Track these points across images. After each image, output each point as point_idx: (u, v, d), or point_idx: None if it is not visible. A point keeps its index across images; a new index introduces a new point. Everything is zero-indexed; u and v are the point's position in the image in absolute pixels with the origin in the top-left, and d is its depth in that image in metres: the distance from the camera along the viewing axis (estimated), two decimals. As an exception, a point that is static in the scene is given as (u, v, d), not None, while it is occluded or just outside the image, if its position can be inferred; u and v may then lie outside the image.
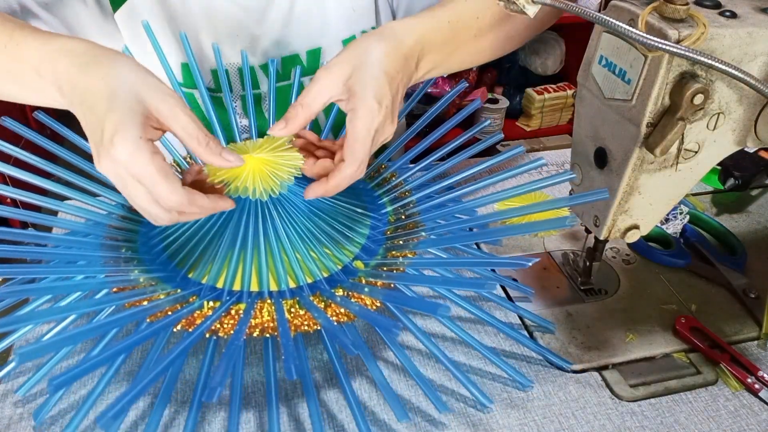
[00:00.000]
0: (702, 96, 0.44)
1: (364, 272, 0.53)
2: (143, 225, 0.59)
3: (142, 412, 0.51)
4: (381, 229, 0.59)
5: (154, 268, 0.54)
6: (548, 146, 2.03)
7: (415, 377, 0.49)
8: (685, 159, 0.49)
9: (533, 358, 0.57)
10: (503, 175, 0.58)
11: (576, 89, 0.54)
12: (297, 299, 0.50)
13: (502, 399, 0.53)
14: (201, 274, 0.53)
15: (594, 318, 0.61)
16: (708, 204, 0.79)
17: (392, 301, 0.50)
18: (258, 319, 0.48)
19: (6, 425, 0.50)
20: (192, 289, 0.51)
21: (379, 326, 0.48)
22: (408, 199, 0.62)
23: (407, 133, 0.70)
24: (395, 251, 0.56)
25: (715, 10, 0.46)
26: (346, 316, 0.49)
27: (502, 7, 0.49)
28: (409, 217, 0.60)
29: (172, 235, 0.56)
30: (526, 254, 0.69)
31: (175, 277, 0.53)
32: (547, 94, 2.10)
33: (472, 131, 0.67)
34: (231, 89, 0.77)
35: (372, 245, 0.57)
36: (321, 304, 0.50)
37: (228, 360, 0.42)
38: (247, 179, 0.53)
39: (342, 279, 0.53)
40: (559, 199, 0.52)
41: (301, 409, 0.52)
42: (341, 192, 0.53)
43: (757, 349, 0.58)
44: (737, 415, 0.52)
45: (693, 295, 0.64)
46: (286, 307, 0.49)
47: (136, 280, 0.51)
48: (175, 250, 0.55)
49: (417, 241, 0.56)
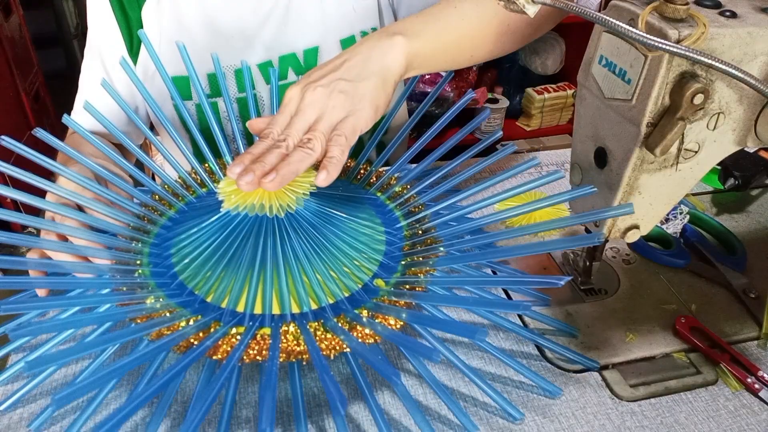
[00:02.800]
0: (702, 96, 0.44)
1: (386, 291, 0.52)
2: (153, 246, 0.57)
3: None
4: (398, 245, 0.58)
5: (169, 293, 0.52)
6: (548, 146, 2.03)
7: (446, 401, 0.48)
8: (685, 159, 0.49)
9: (532, 356, 0.57)
10: (502, 176, 0.59)
11: (576, 89, 0.54)
12: (321, 321, 0.49)
13: (502, 399, 0.53)
14: (220, 298, 0.51)
15: (594, 318, 0.61)
16: (708, 204, 0.79)
17: (423, 323, 0.49)
18: (284, 344, 0.47)
19: (5, 425, 0.50)
20: (213, 314, 0.50)
21: (416, 352, 0.46)
22: (422, 213, 0.61)
23: (416, 146, 0.69)
24: (415, 268, 0.54)
25: (715, 9, 0.46)
26: (371, 337, 0.47)
27: (503, 7, 0.49)
28: (425, 233, 0.59)
29: (187, 257, 0.55)
30: (528, 255, 0.68)
31: (193, 303, 0.51)
32: (547, 94, 2.10)
33: (472, 124, 0.67)
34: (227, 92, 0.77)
35: (390, 262, 0.56)
36: (346, 325, 0.48)
37: (270, 391, 0.41)
38: (264, 197, 0.52)
39: (364, 298, 0.51)
40: (572, 216, 0.52)
41: (326, 426, 0.51)
42: (355, 206, 0.52)
43: (757, 349, 0.58)
44: (737, 415, 0.52)
45: (693, 295, 0.64)
46: (312, 331, 0.48)
47: (152, 308, 0.49)
48: (191, 273, 0.54)
49: (436, 257, 0.55)
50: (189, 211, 0.62)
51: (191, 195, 0.65)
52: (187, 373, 0.54)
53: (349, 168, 0.68)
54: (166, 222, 0.61)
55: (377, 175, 0.67)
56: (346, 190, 0.64)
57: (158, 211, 0.61)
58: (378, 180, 0.66)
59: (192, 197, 0.64)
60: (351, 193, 0.64)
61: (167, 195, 0.63)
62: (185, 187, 0.65)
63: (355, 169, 0.68)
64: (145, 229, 0.59)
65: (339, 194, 0.62)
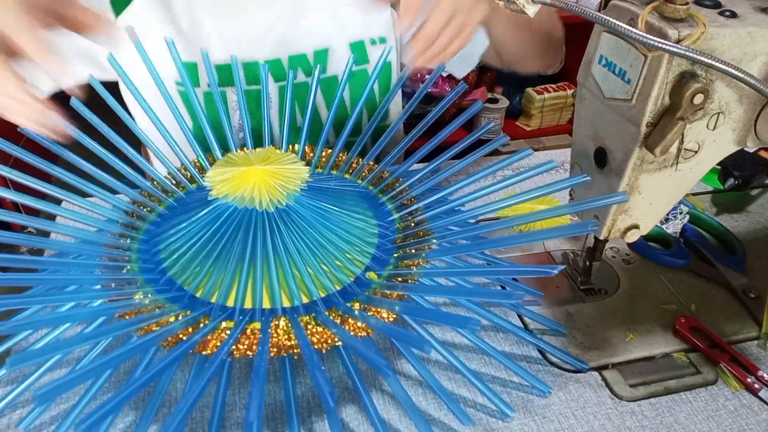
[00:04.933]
0: (702, 96, 0.44)
1: (378, 284, 0.52)
2: (142, 242, 0.57)
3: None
4: (390, 238, 0.58)
5: (158, 288, 0.51)
6: (548, 146, 2.04)
7: (438, 392, 0.48)
8: (685, 159, 0.49)
9: (532, 358, 0.57)
10: (495, 167, 0.58)
11: (576, 89, 0.54)
12: (312, 315, 0.49)
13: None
14: (210, 293, 0.51)
15: (594, 318, 0.61)
16: (708, 204, 0.79)
17: (415, 315, 0.48)
18: (274, 338, 0.46)
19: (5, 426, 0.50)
20: (202, 309, 0.49)
21: (407, 342, 0.46)
22: (415, 205, 0.61)
23: (408, 138, 0.69)
24: (407, 260, 0.54)
25: (715, 9, 0.46)
26: (364, 330, 0.47)
27: (503, 6, 0.49)
28: (418, 225, 0.58)
29: (175, 252, 0.54)
30: (527, 254, 0.69)
31: (182, 298, 0.51)
32: (547, 94, 2.10)
33: (474, 135, 0.66)
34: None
35: (382, 255, 0.55)
36: (338, 318, 0.48)
37: (258, 383, 0.40)
38: (254, 190, 0.52)
39: (356, 292, 0.51)
40: (566, 205, 0.51)
41: (318, 426, 0.51)
42: (347, 199, 0.52)
43: (756, 349, 0.58)
44: (737, 415, 0.52)
45: (693, 295, 0.64)
46: (303, 325, 0.48)
47: (141, 304, 0.49)
48: (181, 269, 0.53)
49: (429, 249, 0.54)
50: (178, 207, 0.61)
51: (181, 191, 0.64)
52: (178, 377, 0.54)
53: (342, 161, 0.67)
54: (155, 218, 0.60)
55: (369, 168, 0.66)
56: (338, 183, 0.64)
57: (148, 207, 0.61)
58: (370, 173, 0.65)
59: (181, 193, 0.64)
60: (343, 187, 0.64)
61: (156, 191, 0.62)
62: (175, 184, 0.64)
63: (348, 162, 0.67)
64: (134, 225, 0.58)
65: (331, 188, 0.61)
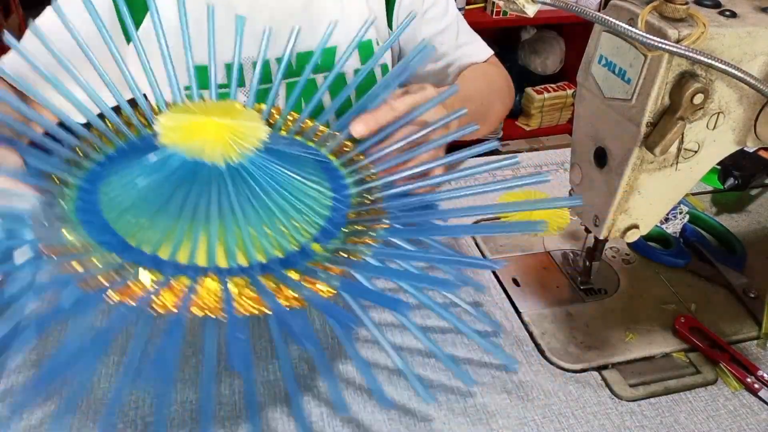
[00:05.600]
0: (702, 95, 0.44)
1: (322, 256, 0.50)
2: (87, 182, 0.53)
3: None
4: (343, 212, 0.55)
5: (90, 230, 0.48)
6: (548, 146, 2.04)
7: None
8: (684, 159, 0.49)
9: (532, 358, 0.57)
10: (462, 154, 0.56)
11: (576, 89, 0.54)
12: (246, 278, 0.46)
13: (501, 398, 0.53)
14: (142, 242, 0.48)
15: (594, 318, 0.61)
16: (708, 204, 0.79)
17: (350, 292, 0.47)
18: (200, 299, 0.44)
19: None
20: (131, 257, 0.46)
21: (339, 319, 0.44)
22: (374, 183, 0.58)
23: (394, 126, 0.63)
24: (355, 237, 0.52)
25: (715, 9, 0.46)
26: (298, 301, 0.45)
27: (502, 6, 0.49)
28: (374, 203, 0.56)
29: (116, 198, 0.51)
30: (527, 254, 0.69)
31: (113, 243, 0.47)
32: (547, 94, 2.11)
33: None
34: (243, 84, 0.77)
35: (332, 228, 0.53)
36: (272, 285, 0.46)
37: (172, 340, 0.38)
38: (206, 141, 0.50)
39: (297, 261, 0.49)
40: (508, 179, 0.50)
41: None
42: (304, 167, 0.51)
43: (756, 349, 0.58)
44: (737, 415, 0.52)
45: (693, 294, 0.64)
46: (234, 287, 0.45)
47: (68, 241, 0.45)
48: (119, 214, 0.50)
49: (380, 228, 0.52)
50: (128, 150, 0.58)
51: (134, 135, 0.60)
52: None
53: (308, 128, 0.65)
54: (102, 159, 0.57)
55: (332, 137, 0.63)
56: (299, 149, 0.61)
57: (95, 146, 0.57)
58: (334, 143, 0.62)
59: (134, 137, 0.60)
60: (303, 153, 0.61)
61: (108, 131, 0.59)
62: (128, 125, 0.61)
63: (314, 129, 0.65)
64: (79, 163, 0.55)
65: (290, 153, 0.59)
